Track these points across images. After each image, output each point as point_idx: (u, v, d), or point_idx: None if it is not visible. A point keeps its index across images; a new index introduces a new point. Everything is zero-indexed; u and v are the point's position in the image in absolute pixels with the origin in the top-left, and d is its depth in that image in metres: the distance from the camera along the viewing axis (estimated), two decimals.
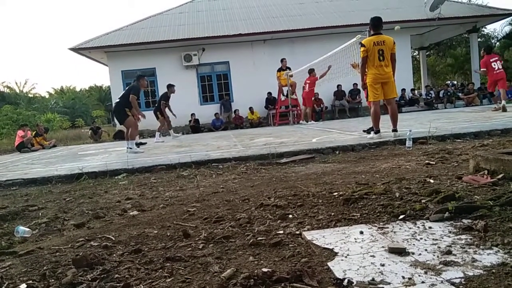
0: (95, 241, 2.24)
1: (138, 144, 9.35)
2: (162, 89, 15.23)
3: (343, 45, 9.64)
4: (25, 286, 1.64)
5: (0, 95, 31.12)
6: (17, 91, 34.97)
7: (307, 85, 12.72)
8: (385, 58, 5.81)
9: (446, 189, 2.45)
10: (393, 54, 5.91)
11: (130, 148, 7.43)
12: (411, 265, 1.51)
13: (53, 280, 1.69)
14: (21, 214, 3.14)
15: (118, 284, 1.58)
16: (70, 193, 3.97)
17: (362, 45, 5.92)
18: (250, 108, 15.56)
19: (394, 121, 5.98)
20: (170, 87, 11.27)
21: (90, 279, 1.66)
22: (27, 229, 2.56)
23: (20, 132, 12.63)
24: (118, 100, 7.89)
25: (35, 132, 13.32)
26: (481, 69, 10.18)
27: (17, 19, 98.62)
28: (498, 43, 28.85)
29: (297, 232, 2.03)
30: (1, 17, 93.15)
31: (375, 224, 2.03)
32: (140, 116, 7.91)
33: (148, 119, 10.57)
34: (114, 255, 1.97)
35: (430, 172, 3.15)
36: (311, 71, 12.56)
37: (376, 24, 5.94)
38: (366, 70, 5.98)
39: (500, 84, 9.85)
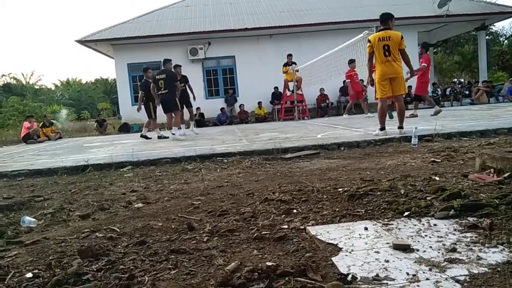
0: (100, 232, 2.26)
1: (144, 137, 9.39)
2: None
3: (350, 41, 9.60)
4: (31, 275, 1.66)
5: (6, 86, 31.33)
6: (24, 82, 35.22)
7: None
8: (391, 54, 5.73)
9: (451, 186, 2.44)
10: (402, 50, 5.77)
11: (173, 134, 8.49)
12: (415, 262, 1.50)
13: (58, 270, 1.71)
14: (27, 204, 3.17)
15: (123, 275, 1.60)
16: (76, 185, 3.99)
17: (368, 41, 5.95)
18: (259, 103, 15.52)
19: (401, 118, 5.94)
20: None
21: (95, 269, 1.67)
22: (33, 219, 2.59)
23: (26, 123, 12.72)
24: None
25: (42, 123, 13.42)
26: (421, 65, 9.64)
27: (23, 10, 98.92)
28: (506, 41, 28.61)
29: (302, 227, 2.04)
30: (8, 8, 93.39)
31: (380, 221, 2.03)
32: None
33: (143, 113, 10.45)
34: (119, 246, 1.98)
35: (436, 170, 3.13)
36: (350, 62, 11.14)
37: (383, 19, 5.91)
38: (374, 66, 5.99)
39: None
